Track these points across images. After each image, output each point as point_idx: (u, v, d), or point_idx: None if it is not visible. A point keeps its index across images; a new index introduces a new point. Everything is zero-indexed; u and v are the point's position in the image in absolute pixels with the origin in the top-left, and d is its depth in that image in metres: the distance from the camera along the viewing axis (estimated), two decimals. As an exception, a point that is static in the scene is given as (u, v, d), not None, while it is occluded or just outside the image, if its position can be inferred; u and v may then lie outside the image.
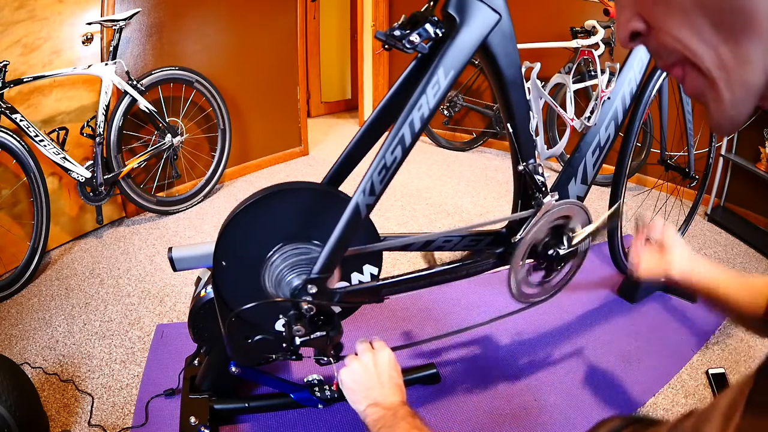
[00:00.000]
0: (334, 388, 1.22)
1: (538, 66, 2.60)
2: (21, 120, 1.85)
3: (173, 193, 2.61)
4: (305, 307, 0.94)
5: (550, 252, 1.17)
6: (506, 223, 1.20)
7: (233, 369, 1.13)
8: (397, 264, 2.00)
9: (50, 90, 2.03)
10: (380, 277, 1.09)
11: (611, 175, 1.58)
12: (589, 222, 1.21)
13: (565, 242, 1.18)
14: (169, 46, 2.47)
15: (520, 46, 1.00)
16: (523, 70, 1.05)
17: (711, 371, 1.40)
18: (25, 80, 1.84)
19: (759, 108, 0.36)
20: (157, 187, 2.51)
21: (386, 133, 0.97)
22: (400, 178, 2.87)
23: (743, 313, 0.80)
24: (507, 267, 1.16)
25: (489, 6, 0.94)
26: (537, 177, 1.11)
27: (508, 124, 1.08)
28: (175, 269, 1.05)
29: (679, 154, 2.09)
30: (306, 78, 3.82)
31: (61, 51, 2.04)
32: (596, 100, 2.54)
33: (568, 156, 1.25)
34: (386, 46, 0.95)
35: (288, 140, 3.36)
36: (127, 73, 2.18)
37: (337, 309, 1.02)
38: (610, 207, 1.57)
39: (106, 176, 2.15)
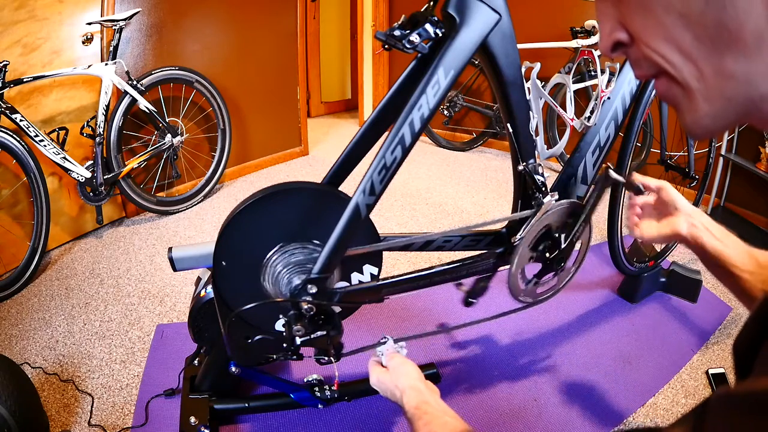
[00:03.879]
0: (334, 387, 1.22)
1: (538, 66, 2.60)
2: (21, 120, 1.85)
3: (173, 193, 2.61)
4: (305, 307, 0.94)
5: (550, 252, 1.17)
6: (506, 223, 1.20)
7: (233, 369, 1.13)
8: (397, 264, 2.00)
9: (50, 90, 2.03)
10: (380, 277, 1.09)
11: (611, 175, 1.57)
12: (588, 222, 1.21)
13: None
14: (169, 46, 2.47)
15: (520, 46, 1.00)
16: (523, 70, 1.06)
17: (711, 371, 1.40)
18: (25, 80, 1.84)
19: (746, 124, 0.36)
20: (157, 187, 2.51)
21: (386, 133, 0.98)
22: (400, 178, 2.87)
23: (751, 291, 0.73)
24: (507, 267, 1.16)
25: (489, 6, 0.94)
26: (537, 177, 1.11)
27: (508, 124, 1.08)
28: (175, 269, 1.05)
29: (679, 154, 2.09)
30: (306, 78, 3.82)
31: (61, 51, 2.04)
32: (596, 100, 2.54)
33: (568, 156, 1.25)
34: (386, 46, 0.95)
35: (288, 140, 3.37)
36: (127, 73, 2.18)
37: (337, 309, 1.02)
38: (610, 207, 1.57)
39: (106, 176, 2.15)
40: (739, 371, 0.34)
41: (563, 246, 1.17)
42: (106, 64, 2.08)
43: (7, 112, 1.81)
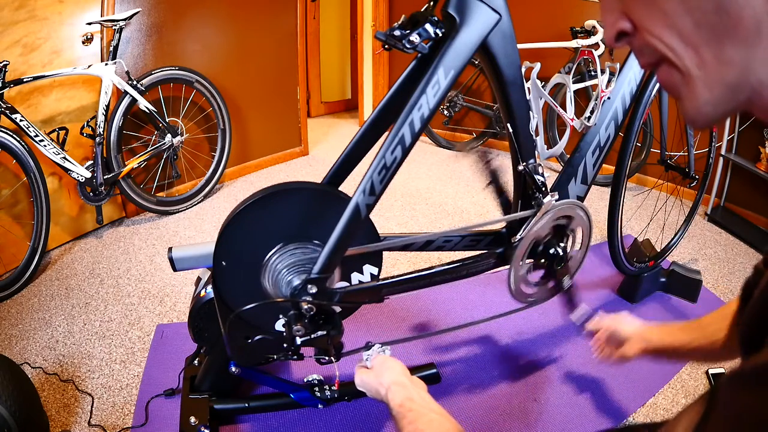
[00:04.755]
0: (335, 387, 1.22)
1: (538, 66, 2.60)
2: (21, 120, 1.85)
3: (173, 193, 2.61)
4: (305, 307, 0.94)
5: (550, 252, 1.17)
6: (506, 223, 1.20)
7: (233, 369, 1.13)
8: (397, 264, 2.00)
9: (50, 90, 2.03)
10: (380, 277, 1.09)
11: (611, 175, 1.58)
12: (589, 222, 1.21)
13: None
14: (169, 46, 2.47)
15: (520, 46, 1.01)
16: (523, 70, 1.06)
17: (711, 371, 1.40)
18: (25, 80, 1.84)
19: (749, 114, 0.37)
20: (157, 187, 2.51)
21: (386, 133, 0.98)
22: (400, 178, 2.87)
23: (707, 354, 0.87)
24: (507, 267, 1.16)
25: (489, 6, 0.94)
26: (537, 177, 1.11)
27: (508, 124, 1.08)
28: (175, 269, 1.05)
29: (679, 154, 2.09)
30: (306, 78, 3.82)
31: (61, 51, 2.04)
32: (596, 100, 2.54)
33: (568, 156, 1.25)
34: (386, 46, 0.95)
35: (288, 140, 3.37)
36: (127, 73, 2.18)
37: (337, 308, 1.02)
38: (610, 208, 1.57)
39: (106, 176, 2.15)
40: (747, 351, 0.35)
41: (562, 246, 1.17)
42: (106, 64, 2.08)
43: (7, 112, 1.81)
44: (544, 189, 1.12)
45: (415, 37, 0.93)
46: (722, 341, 0.80)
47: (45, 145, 1.93)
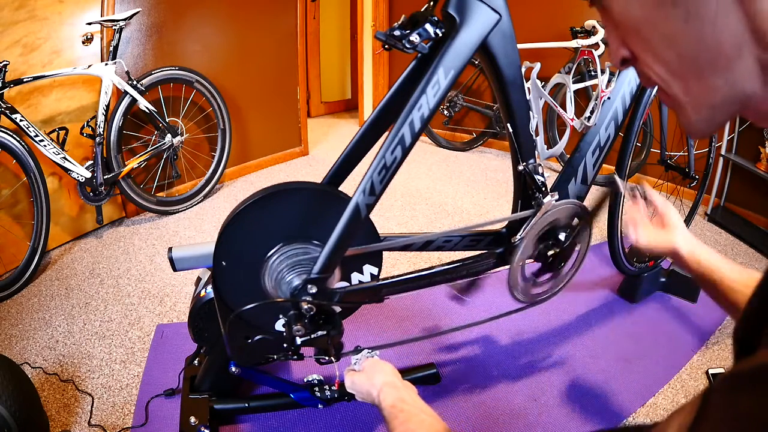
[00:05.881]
0: (335, 387, 1.22)
1: (538, 66, 2.60)
2: (21, 120, 1.85)
3: (173, 193, 2.61)
4: (305, 307, 0.94)
5: (550, 252, 1.17)
6: (506, 223, 1.20)
7: (233, 369, 1.13)
8: (397, 264, 2.00)
9: (50, 90, 2.03)
10: (380, 277, 1.09)
11: (611, 175, 1.58)
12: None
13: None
14: (169, 46, 2.47)
15: (520, 46, 1.00)
16: (523, 70, 1.06)
17: (711, 371, 1.40)
18: (25, 80, 1.84)
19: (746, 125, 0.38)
20: (157, 187, 2.51)
21: (386, 133, 0.98)
22: (400, 178, 2.87)
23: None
24: (507, 267, 1.16)
25: (489, 6, 0.94)
26: (537, 177, 1.11)
27: (508, 124, 1.08)
28: (175, 269, 1.05)
29: (679, 154, 2.09)
30: (306, 78, 3.82)
31: (61, 51, 2.04)
32: (596, 100, 2.54)
33: (568, 156, 1.25)
34: (386, 46, 0.95)
35: (288, 140, 3.37)
36: (127, 73, 2.18)
37: (337, 308, 1.02)
38: (610, 208, 1.57)
39: (106, 176, 2.15)
40: (741, 353, 0.35)
41: (563, 246, 1.17)
42: (106, 64, 2.08)
43: (7, 112, 1.81)
44: (544, 189, 1.11)
45: (415, 37, 0.92)
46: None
47: (45, 145, 1.93)
